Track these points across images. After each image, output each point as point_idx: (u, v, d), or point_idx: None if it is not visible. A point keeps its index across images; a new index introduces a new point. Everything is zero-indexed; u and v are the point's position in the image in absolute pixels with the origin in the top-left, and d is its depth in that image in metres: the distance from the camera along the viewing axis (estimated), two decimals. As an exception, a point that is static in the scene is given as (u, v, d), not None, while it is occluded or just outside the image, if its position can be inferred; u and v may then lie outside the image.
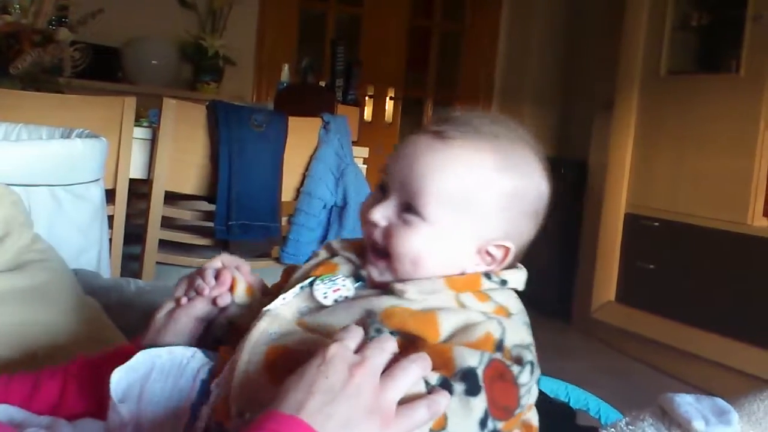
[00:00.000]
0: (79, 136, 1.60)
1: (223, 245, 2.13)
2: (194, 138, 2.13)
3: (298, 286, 0.80)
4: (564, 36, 4.70)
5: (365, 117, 4.74)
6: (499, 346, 0.73)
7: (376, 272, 0.80)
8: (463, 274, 0.80)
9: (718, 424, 0.77)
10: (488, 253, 0.81)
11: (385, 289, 0.78)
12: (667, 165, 3.47)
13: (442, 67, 5.19)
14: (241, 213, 2.07)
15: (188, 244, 2.21)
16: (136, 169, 2.14)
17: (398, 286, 0.77)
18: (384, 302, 0.76)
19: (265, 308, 0.78)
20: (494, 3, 4.93)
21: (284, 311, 0.78)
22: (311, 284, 0.80)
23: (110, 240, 1.86)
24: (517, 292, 0.82)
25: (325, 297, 0.79)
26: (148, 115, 2.52)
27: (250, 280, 0.89)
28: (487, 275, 0.80)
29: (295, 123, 2.18)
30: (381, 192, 0.82)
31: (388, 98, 4.88)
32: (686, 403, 0.80)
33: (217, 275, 0.87)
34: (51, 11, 2.39)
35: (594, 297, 3.75)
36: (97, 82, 3.50)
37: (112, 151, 1.90)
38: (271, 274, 1.02)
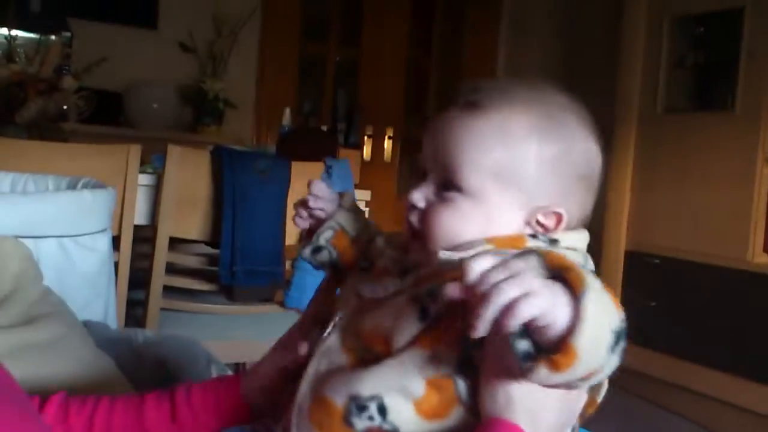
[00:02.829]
0: (86, 185, 1.61)
1: (227, 291, 2.13)
2: (198, 184, 2.14)
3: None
4: (560, 74, 4.75)
5: (364, 156, 4.77)
6: (586, 291, 0.62)
7: (417, 255, 0.77)
8: None
9: None
10: (539, 223, 0.75)
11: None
12: (666, 202, 3.49)
13: (441, 104, 5.23)
14: (245, 259, 2.08)
15: (193, 289, 2.22)
16: (140, 215, 2.15)
17: (442, 252, 0.73)
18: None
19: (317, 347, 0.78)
20: (491, 40, 5.00)
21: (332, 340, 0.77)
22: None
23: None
24: None
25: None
26: (151, 160, 2.53)
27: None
28: (533, 235, 0.74)
29: (298, 168, 2.19)
30: (420, 177, 0.78)
31: (386, 138, 4.92)
32: None
33: None
34: (56, 60, 2.42)
35: (596, 334, 3.74)
36: (99, 127, 3.53)
37: (116, 198, 1.91)
38: (275, 319, 1.03)
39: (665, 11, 3.52)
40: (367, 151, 4.83)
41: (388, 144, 4.93)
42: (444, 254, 0.72)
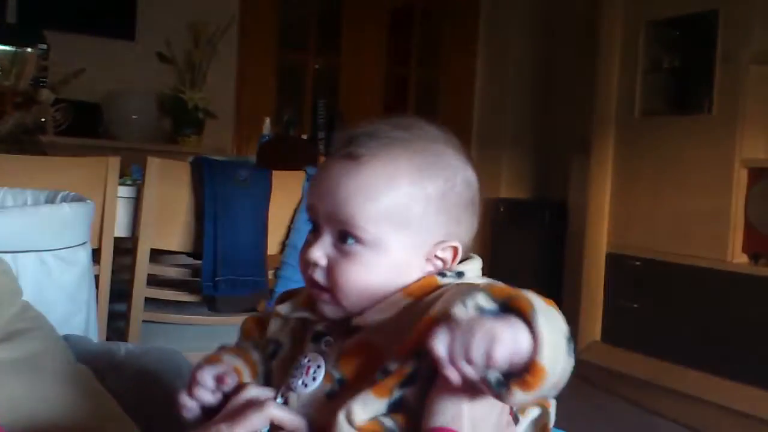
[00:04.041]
0: (65, 199, 1.60)
1: (210, 301, 2.12)
2: (179, 195, 2.14)
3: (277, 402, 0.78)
4: (539, 80, 4.79)
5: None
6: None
7: (329, 309, 0.79)
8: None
9: None
10: (437, 257, 0.79)
11: (348, 326, 0.77)
12: (645, 204, 3.52)
13: (420, 114, 5.23)
14: (227, 269, 2.07)
15: (175, 301, 2.20)
16: (120, 227, 2.14)
17: (356, 320, 0.76)
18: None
19: None
20: (469, 50, 5.02)
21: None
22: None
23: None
24: None
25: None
26: (130, 172, 2.52)
27: None
28: (441, 273, 0.78)
29: (279, 177, 2.19)
30: (313, 232, 0.80)
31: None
32: None
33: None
34: (32, 72, 2.41)
35: (579, 338, 3.76)
36: (78, 139, 3.51)
37: (96, 211, 1.90)
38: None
39: (641, 15, 3.55)
40: (347, 159, 4.82)
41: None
42: (372, 318, 0.76)
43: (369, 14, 4.98)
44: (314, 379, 0.77)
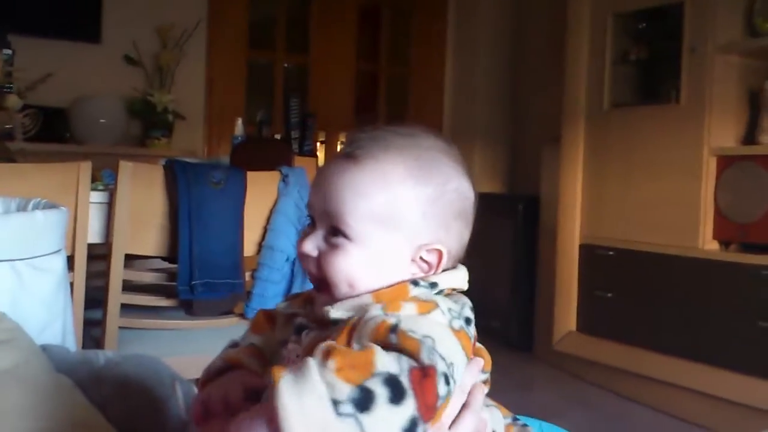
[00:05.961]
0: (37, 206, 1.57)
1: (186, 305, 2.11)
2: (152, 199, 2.11)
3: None
4: (508, 73, 4.81)
5: (319, 163, 4.76)
6: (393, 329, 0.71)
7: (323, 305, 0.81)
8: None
9: None
10: (423, 260, 0.82)
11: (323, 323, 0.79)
12: (617, 195, 3.55)
13: (391, 110, 5.26)
14: (203, 272, 2.06)
15: (151, 306, 2.18)
16: (93, 233, 2.11)
17: (326, 308, 0.79)
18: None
19: None
20: (438, 45, 5.03)
21: None
22: None
23: (72, 308, 1.82)
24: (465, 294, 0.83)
25: None
26: (102, 176, 2.49)
27: None
28: (414, 282, 0.80)
29: (253, 177, 2.18)
30: (311, 227, 0.84)
31: (339, 143, 4.93)
32: None
33: None
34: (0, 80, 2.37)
35: (555, 328, 3.79)
36: (46, 145, 3.46)
37: (69, 217, 1.87)
38: (237, 331, 1.02)
39: (608, 8, 3.58)
40: (321, 157, 4.82)
41: (341, 149, 4.91)
42: (334, 313, 0.78)
43: (337, 12, 4.98)
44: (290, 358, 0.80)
